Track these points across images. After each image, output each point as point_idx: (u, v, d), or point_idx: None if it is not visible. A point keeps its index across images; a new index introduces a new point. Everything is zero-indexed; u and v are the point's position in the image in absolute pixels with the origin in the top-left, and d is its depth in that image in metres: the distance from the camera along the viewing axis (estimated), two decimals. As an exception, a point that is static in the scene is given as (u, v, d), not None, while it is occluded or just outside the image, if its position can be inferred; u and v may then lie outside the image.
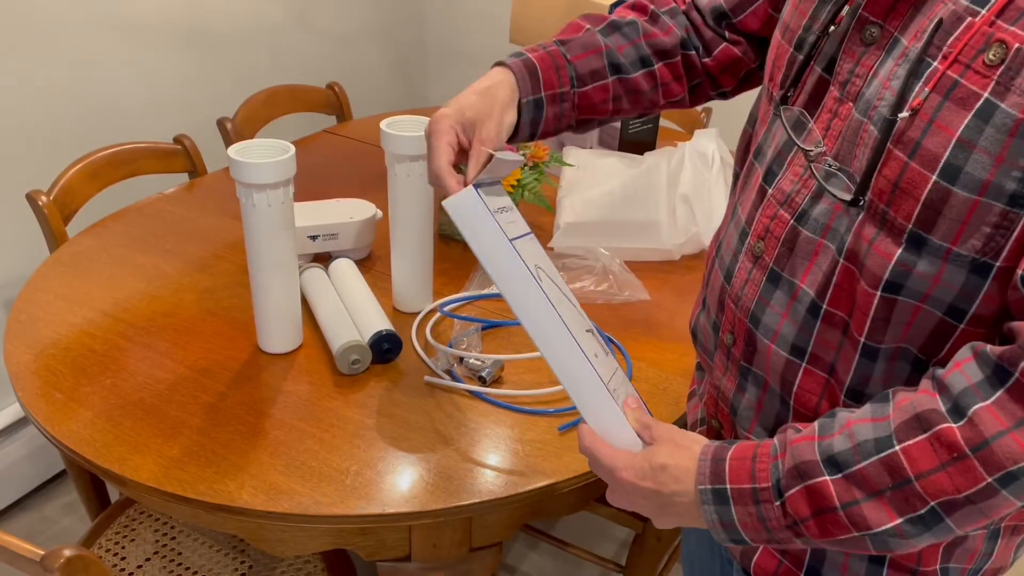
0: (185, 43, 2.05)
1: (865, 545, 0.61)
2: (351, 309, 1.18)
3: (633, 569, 1.44)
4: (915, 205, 0.57)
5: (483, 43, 2.79)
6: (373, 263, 1.40)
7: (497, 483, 0.96)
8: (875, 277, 0.61)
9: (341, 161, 1.80)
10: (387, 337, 1.12)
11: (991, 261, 0.56)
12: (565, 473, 0.97)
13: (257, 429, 1.02)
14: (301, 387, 1.10)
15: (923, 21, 0.59)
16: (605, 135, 1.73)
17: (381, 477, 0.96)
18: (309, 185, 1.65)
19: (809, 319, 0.67)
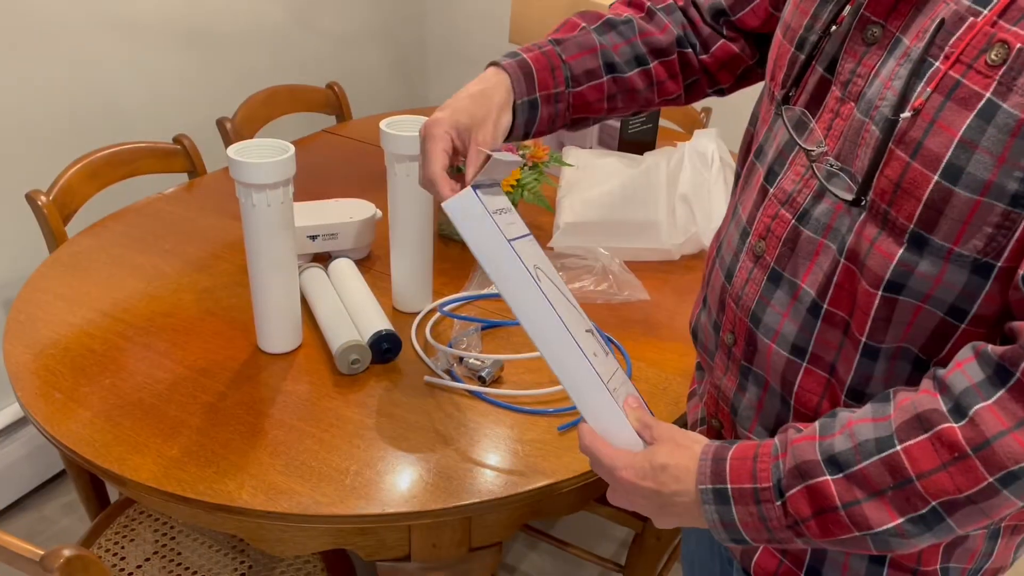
0: (185, 43, 2.05)
1: (866, 545, 0.61)
2: (351, 309, 1.18)
3: (633, 569, 1.44)
4: (917, 205, 0.57)
5: (483, 43, 2.79)
6: (373, 263, 1.40)
7: (497, 483, 0.96)
8: (876, 277, 0.61)
9: (341, 161, 1.80)
10: (387, 337, 1.12)
11: (992, 261, 0.56)
12: (565, 473, 0.97)
13: (256, 429, 1.02)
14: (301, 387, 1.10)
15: (925, 21, 0.58)
16: (604, 135, 1.73)
17: (381, 477, 0.96)
18: (309, 185, 1.65)
19: (810, 319, 0.67)
